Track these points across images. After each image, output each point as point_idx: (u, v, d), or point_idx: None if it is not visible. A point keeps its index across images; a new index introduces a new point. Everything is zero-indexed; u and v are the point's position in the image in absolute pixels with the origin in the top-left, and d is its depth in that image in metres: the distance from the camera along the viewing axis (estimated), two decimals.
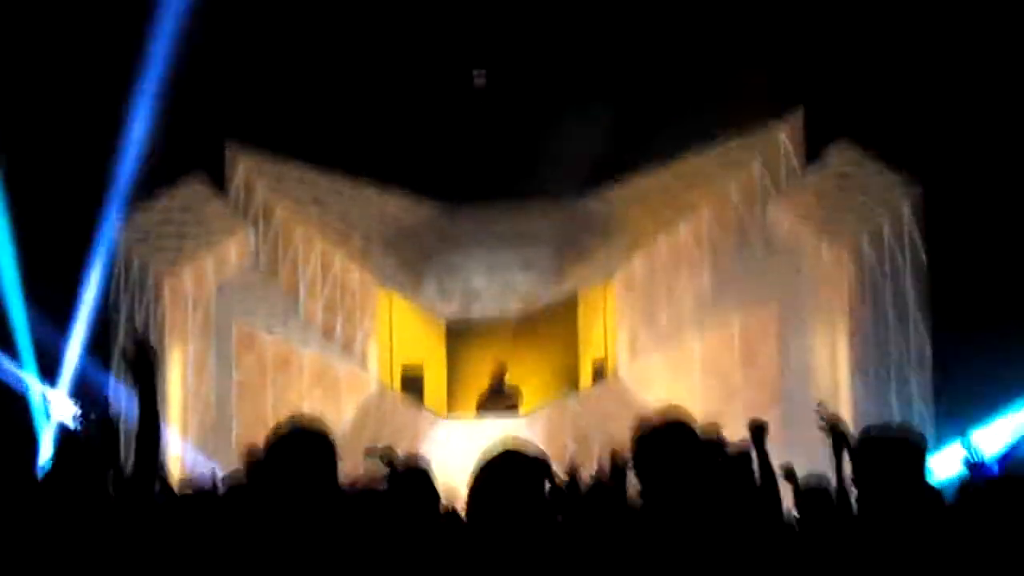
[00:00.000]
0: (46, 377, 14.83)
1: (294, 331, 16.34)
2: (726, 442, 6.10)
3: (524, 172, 15.74)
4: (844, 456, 5.98)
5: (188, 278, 16.02)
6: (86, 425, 5.83)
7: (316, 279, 16.61)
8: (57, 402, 14.70)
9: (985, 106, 13.71)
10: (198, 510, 5.59)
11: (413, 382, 16.75)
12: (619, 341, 16.26)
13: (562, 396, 16.23)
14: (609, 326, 16.56)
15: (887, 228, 14.97)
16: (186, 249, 16.13)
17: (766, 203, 15.93)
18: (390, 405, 16.03)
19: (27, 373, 14.72)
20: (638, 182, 16.72)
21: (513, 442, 4.33)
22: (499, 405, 16.25)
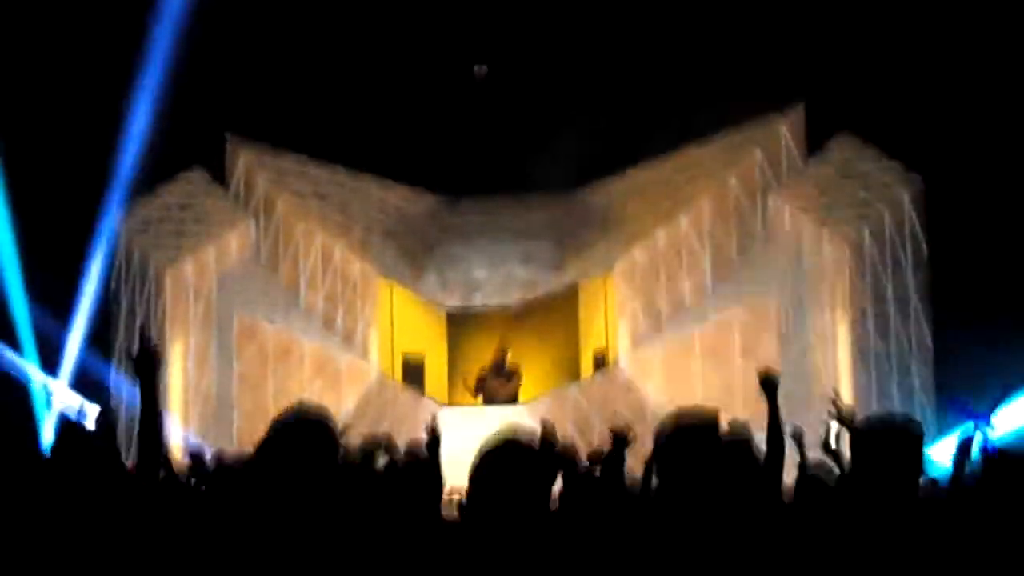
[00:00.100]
0: (47, 368, 14.86)
1: (295, 322, 16.37)
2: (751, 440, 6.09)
3: (525, 164, 15.77)
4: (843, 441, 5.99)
5: (189, 270, 16.04)
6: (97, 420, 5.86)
7: (317, 270, 16.63)
8: (58, 392, 14.73)
9: (985, 98, 13.71)
10: (200, 497, 5.61)
11: (414, 372, 16.79)
12: (619, 332, 16.28)
13: (563, 385, 16.27)
14: (610, 317, 16.58)
15: (888, 220, 14.98)
16: (187, 241, 16.15)
17: (767, 195, 15.94)
18: (391, 394, 16.06)
19: (28, 363, 14.74)
20: (638, 175, 16.75)
21: (513, 431, 4.35)
22: (500, 382, 16.31)
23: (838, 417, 6.34)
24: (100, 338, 15.39)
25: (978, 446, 5.33)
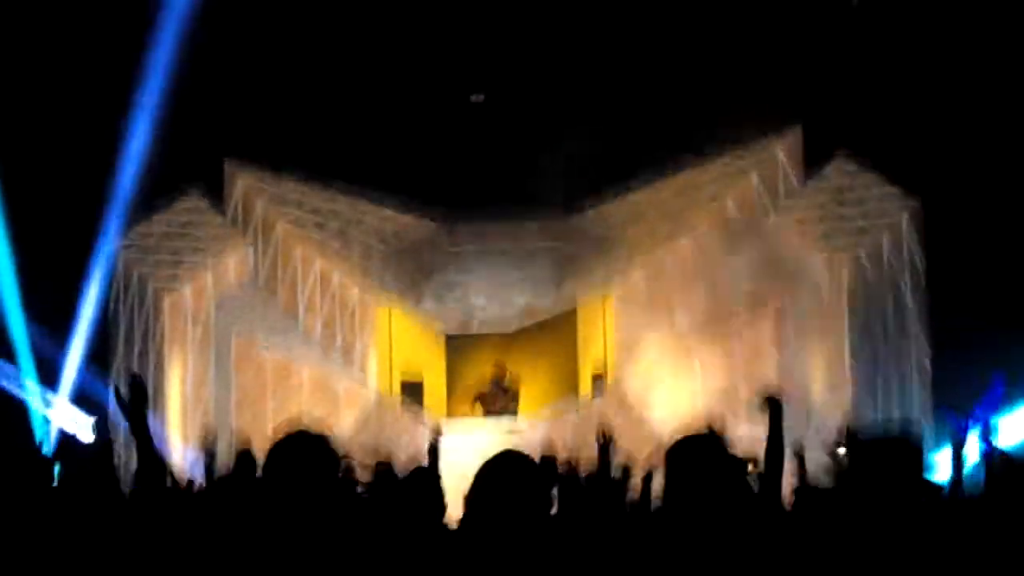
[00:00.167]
0: (46, 388, 14.83)
1: (294, 346, 16.35)
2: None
3: (523, 188, 15.77)
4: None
5: (187, 293, 16.03)
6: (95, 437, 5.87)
7: (315, 295, 16.62)
8: (57, 414, 14.71)
9: (982, 119, 13.74)
10: (199, 511, 5.58)
11: (413, 396, 16.76)
12: (618, 353, 16.27)
13: (562, 407, 16.24)
14: (608, 338, 16.57)
15: (886, 241, 15.00)
16: (185, 264, 16.14)
17: (764, 217, 15.94)
18: (389, 417, 16.04)
19: (27, 383, 14.73)
20: (636, 198, 16.76)
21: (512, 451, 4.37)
22: (496, 403, 16.29)
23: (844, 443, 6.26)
24: (99, 359, 15.38)
25: (977, 450, 5.32)
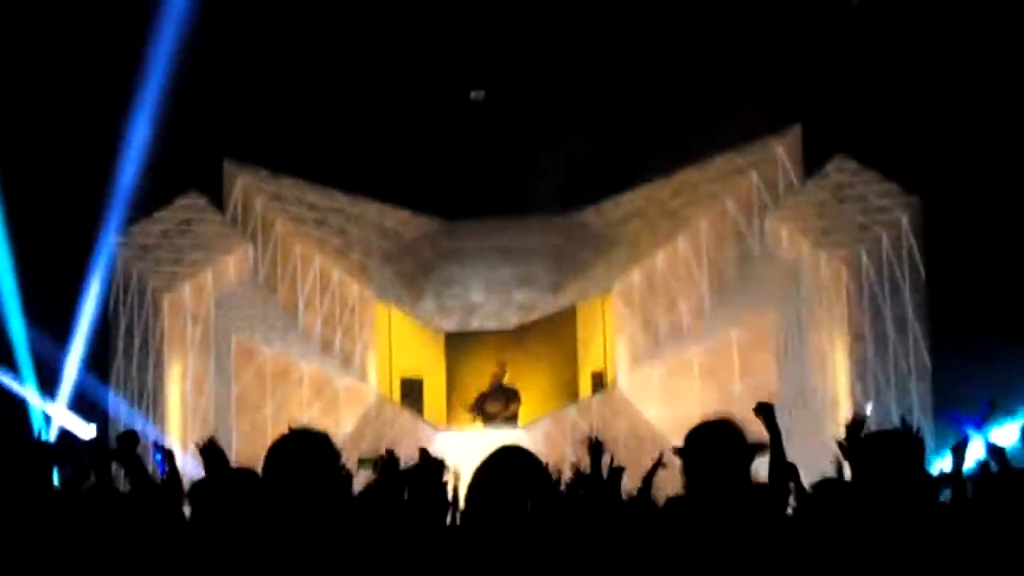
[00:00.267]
0: (45, 391, 14.84)
1: (293, 344, 16.35)
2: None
3: (522, 187, 15.78)
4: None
5: (187, 293, 16.02)
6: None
7: (315, 293, 16.63)
8: (56, 416, 14.72)
9: (982, 119, 13.74)
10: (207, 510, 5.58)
11: (413, 394, 16.77)
12: (618, 352, 16.27)
13: (561, 407, 16.25)
14: (608, 338, 16.58)
15: (885, 240, 14.98)
16: (185, 264, 16.13)
17: (764, 216, 15.95)
18: (389, 417, 16.04)
19: (27, 386, 14.73)
20: (636, 197, 16.78)
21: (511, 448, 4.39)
22: (497, 405, 16.29)
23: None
24: (98, 361, 15.39)
25: (974, 456, 5.33)
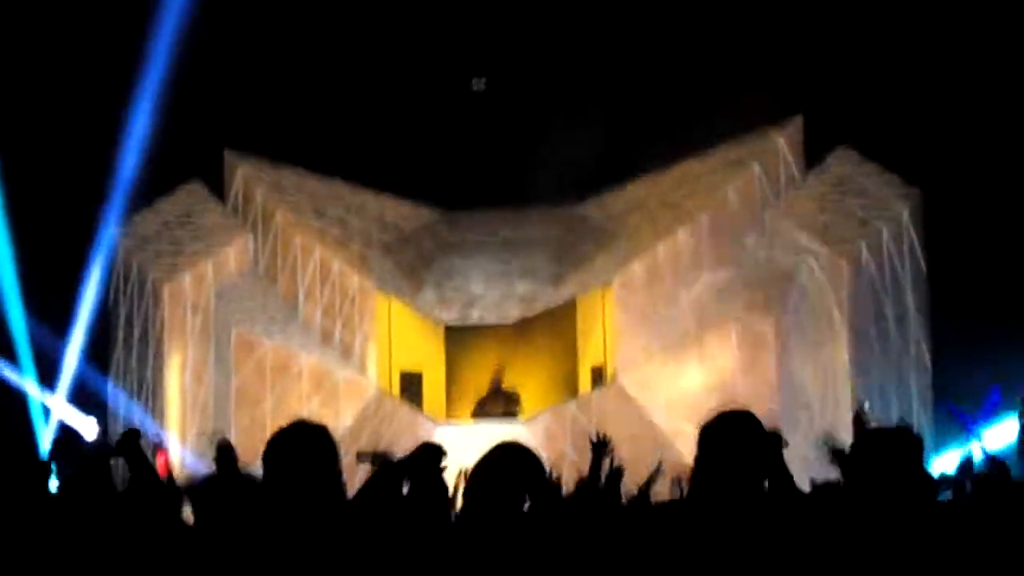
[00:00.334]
0: (45, 383, 14.84)
1: (293, 336, 16.33)
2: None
3: (523, 178, 15.77)
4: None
5: (187, 284, 16.00)
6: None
7: (315, 285, 16.60)
8: (56, 409, 14.72)
9: (983, 112, 13.72)
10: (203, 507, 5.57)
11: (412, 387, 16.75)
12: (618, 346, 16.25)
13: (561, 401, 16.23)
14: (608, 332, 16.55)
15: (886, 234, 14.95)
16: (185, 255, 16.11)
17: (765, 209, 15.92)
18: (389, 410, 16.02)
19: (26, 378, 14.74)
20: (637, 189, 16.75)
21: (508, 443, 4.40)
22: (497, 408, 16.26)
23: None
24: (98, 352, 15.38)
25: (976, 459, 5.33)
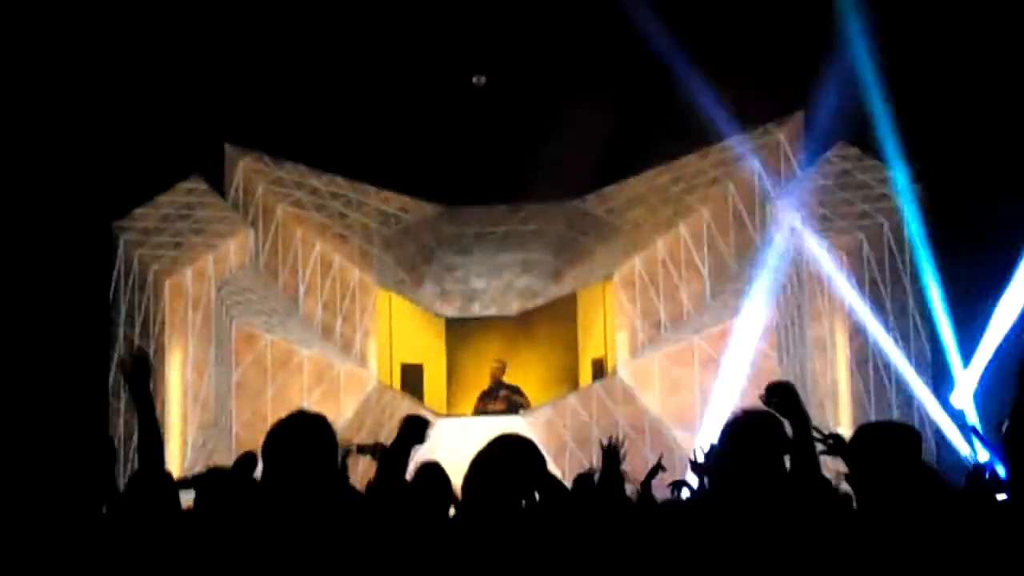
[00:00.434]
0: None
1: (294, 331, 16.34)
2: None
3: (524, 173, 15.77)
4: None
5: (188, 278, 16.02)
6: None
7: (316, 278, 16.62)
8: None
9: (984, 105, 13.72)
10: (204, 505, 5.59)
11: (413, 380, 16.76)
12: (618, 340, 16.25)
13: (561, 394, 16.23)
14: (608, 325, 16.56)
15: (886, 229, 14.96)
16: (186, 249, 16.13)
17: (765, 204, 15.94)
18: (389, 403, 16.03)
19: None
20: (637, 183, 16.77)
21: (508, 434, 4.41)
22: (498, 404, 16.26)
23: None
24: (99, 347, 15.40)
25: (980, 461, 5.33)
